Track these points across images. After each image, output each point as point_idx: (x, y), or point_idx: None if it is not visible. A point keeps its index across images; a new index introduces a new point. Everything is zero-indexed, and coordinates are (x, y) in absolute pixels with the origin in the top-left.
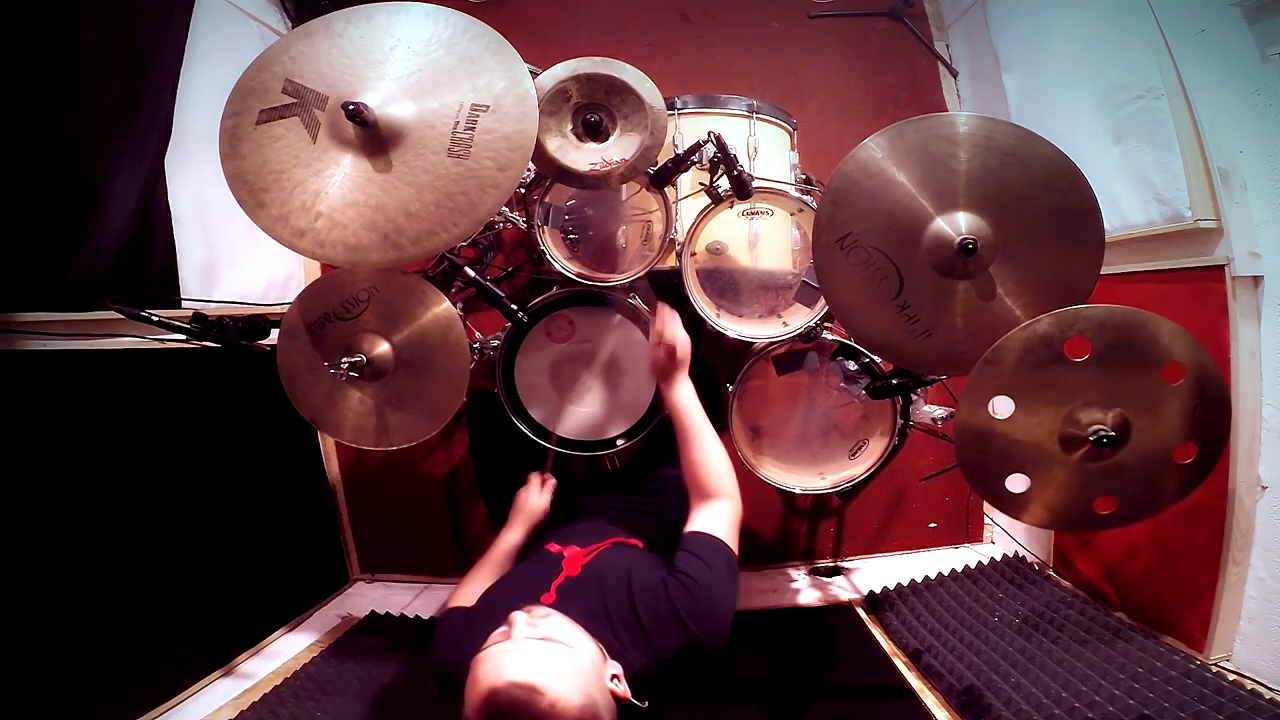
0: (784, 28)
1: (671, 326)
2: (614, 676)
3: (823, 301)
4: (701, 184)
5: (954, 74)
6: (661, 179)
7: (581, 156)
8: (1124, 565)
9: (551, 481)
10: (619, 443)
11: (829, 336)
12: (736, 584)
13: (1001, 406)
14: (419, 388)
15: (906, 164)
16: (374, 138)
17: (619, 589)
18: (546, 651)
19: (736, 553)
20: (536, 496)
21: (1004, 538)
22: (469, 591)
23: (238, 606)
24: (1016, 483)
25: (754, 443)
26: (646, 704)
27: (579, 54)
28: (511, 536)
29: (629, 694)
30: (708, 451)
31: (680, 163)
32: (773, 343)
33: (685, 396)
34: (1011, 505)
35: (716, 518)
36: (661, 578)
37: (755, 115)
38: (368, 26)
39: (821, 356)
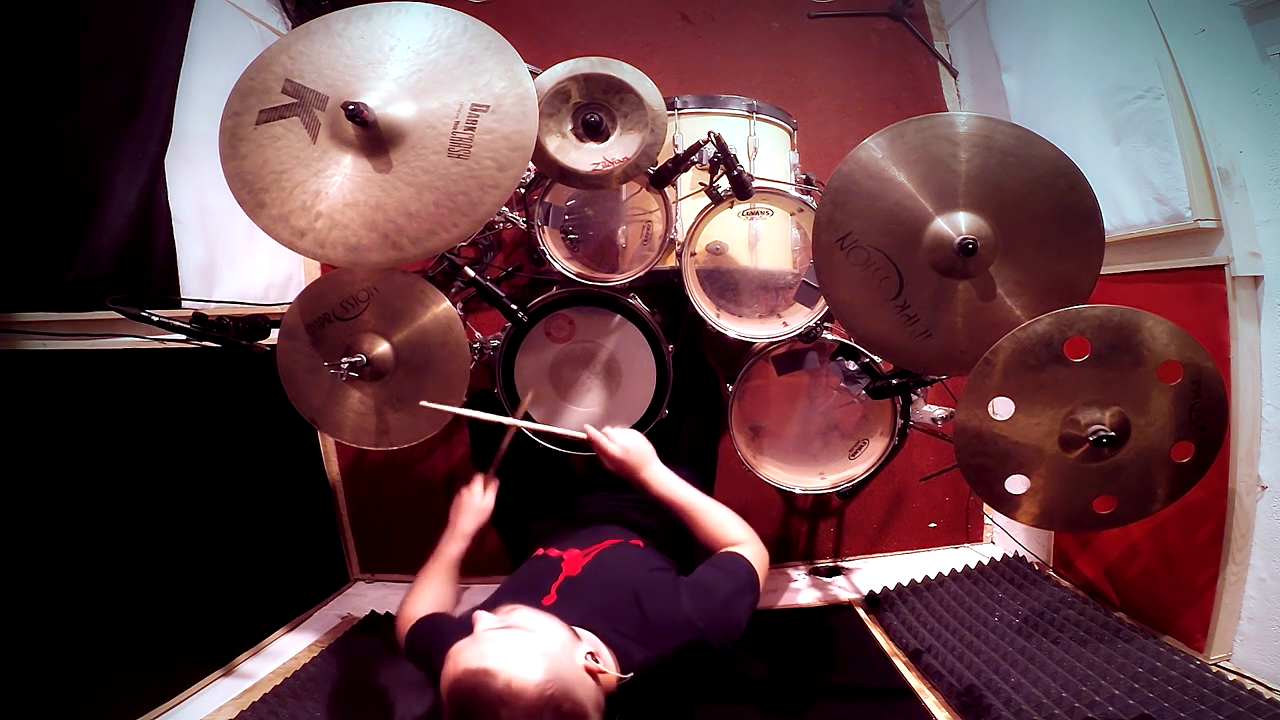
0: (784, 28)
1: (613, 444)
2: (589, 654)
3: (823, 301)
4: (701, 184)
5: (954, 74)
6: (661, 179)
7: (582, 156)
8: (1124, 565)
9: (495, 482)
10: None
11: (829, 336)
12: (754, 599)
13: (1001, 407)
14: (419, 388)
15: (906, 164)
16: (374, 138)
17: (622, 585)
18: (502, 638)
19: (762, 581)
20: (479, 496)
21: (1004, 538)
22: (422, 601)
23: (238, 606)
24: (1016, 483)
25: (754, 443)
26: (631, 674)
27: (579, 54)
28: (455, 543)
29: (610, 669)
30: (712, 517)
31: (680, 163)
32: (773, 343)
33: (664, 482)
34: (1011, 506)
35: (745, 550)
36: (674, 576)
37: (755, 115)
38: (368, 26)
39: (821, 356)
